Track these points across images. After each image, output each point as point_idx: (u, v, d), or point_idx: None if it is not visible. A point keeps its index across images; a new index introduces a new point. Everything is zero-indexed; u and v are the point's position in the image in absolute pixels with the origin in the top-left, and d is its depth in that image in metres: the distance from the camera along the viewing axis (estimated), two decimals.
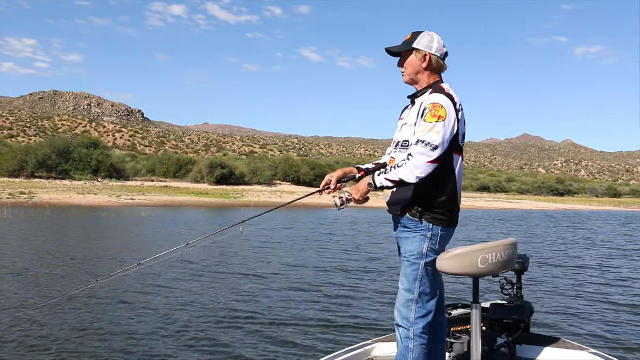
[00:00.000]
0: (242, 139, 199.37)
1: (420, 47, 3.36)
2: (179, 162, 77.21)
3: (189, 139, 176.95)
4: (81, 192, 46.64)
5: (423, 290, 3.29)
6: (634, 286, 11.44)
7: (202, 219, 30.06)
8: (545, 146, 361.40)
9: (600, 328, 7.83)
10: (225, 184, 67.80)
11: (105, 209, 34.31)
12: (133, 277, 10.21)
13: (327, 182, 3.54)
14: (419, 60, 3.37)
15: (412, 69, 3.39)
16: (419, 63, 3.37)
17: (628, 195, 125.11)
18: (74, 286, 9.50)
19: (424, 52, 3.35)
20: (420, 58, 3.36)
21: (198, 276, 11.13)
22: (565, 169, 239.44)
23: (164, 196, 48.55)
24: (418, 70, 3.38)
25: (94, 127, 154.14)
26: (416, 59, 3.37)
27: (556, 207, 64.79)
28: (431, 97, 3.23)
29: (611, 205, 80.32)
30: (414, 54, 3.38)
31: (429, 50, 3.35)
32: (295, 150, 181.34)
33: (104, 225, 24.02)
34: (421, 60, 3.36)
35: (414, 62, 3.38)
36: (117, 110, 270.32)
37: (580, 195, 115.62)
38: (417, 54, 3.37)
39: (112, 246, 16.26)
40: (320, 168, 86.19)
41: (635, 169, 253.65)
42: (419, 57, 3.37)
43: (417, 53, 3.37)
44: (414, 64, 3.38)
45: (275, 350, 6.51)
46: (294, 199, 4.02)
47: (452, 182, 3.28)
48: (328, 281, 11.10)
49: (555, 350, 3.99)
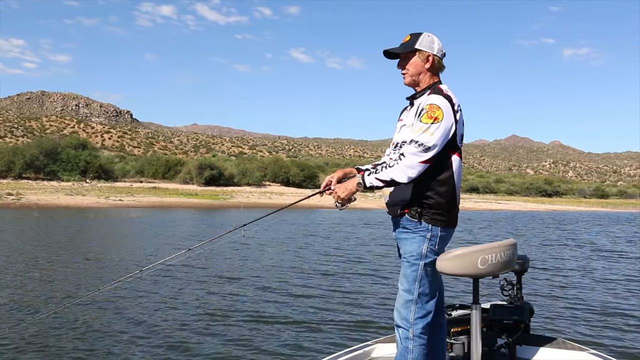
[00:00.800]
0: (231, 139, 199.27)
1: (423, 48, 3.35)
2: (168, 163, 76.95)
3: (178, 139, 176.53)
4: (69, 193, 46.42)
5: (422, 290, 3.28)
6: (634, 286, 11.44)
7: (194, 221, 29.89)
8: (533, 147, 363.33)
9: (600, 329, 7.81)
10: (214, 185, 67.72)
11: (94, 210, 34.14)
12: (132, 283, 9.95)
13: (327, 183, 3.49)
14: (422, 61, 3.35)
15: (414, 70, 3.37)
16: (422, 64, 3.35)
17: (615, 197, 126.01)
18: (77, 291, 9.36)
19: (427, 53, 3.34)
20: (423, 59, 3.35)
21: (200, 280, 10.89)
22: (553, 170, 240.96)
23: (153, 197, 48.41)
24: (421, 71, 3.36)
25: (82, 127, 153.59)
26: (419, 60, 3.35)
27: (544, 208, 65.15)
28: (429, 98, 3.22)
29: (599, 206, 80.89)
30: (417, 55, 3.36)
31: (431, 50, 3.35)
32: (284, 151, 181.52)
33: (98, 227, 23.85)
34: (424, 61, 3.35)
35: (417, 63, 3.36)
36: (106, 110, 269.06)
37: (568, 196, 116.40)
38: (420, 55, 3.35)
39: (112, 250, 16.11)
40: (310, 169, 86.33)
41: (622, 170, 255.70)
42: (422, 58, 3.35)
43: (420, 54, 3.35)
44: (417, 64, 3.36)
45: (276, 351, 6.48)
46: (293, 201, 3.99)
47: (450, 183, 3.27)
48: (327, 281, 11.07)
49: (555, 351, 3.98)
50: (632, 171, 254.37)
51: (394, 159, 3.21)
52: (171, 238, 19.03)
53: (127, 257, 13.95)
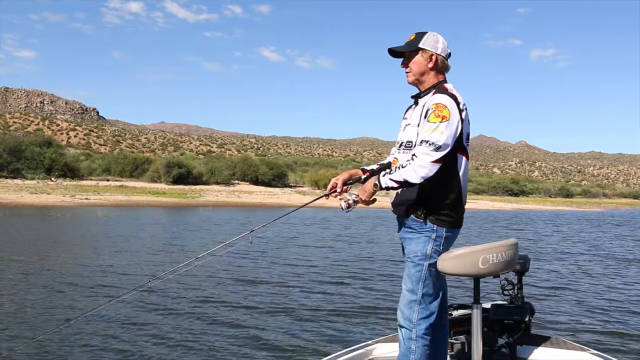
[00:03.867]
0: (199, 138, 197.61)
1: (427, 47, 3.36)
2: (135, 161, 75.99)
3: (145, 137, 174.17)
4: (34, 191, 45.55)
5: (426, 291, 3.30)
6: (634, 287, 11.56)
7: (164, 220, 29.53)
8: (500, 147, 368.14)
9: (601, 328, 7.87)
10: (182, 184, 67.15)
11: (60, 209, 33.52)
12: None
13: (333, 186, 3.50)
14: (425, 60, 3.36)
15: (417, 69, 3.38)
16: (425, 63, 3.36)
17: (580, 196, 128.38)
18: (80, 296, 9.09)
19: (431, 52, 3.35)
20: (426, 58, 3.36)
21: (202, 287, 10.61)
22: (519, 170, 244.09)
23: (120, 196, 47.83)
24: (424, 70, 3.37)
25: (47, 125, 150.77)
26: (422, 59, 3.36)
27: (511, 207, 65.88)
28: (434, 98, 3.23)
29: (564, 205, 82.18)
30: (420, 54, 3.37)
31: (435, 50, 3.36)
32: (253, 149, 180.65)
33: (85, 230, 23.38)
34: (427, 60, 3.36)
35: (420, 62, 3.37)
36: (71, 108, 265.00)
37: (534, 195, 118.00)
38: (423, 54, 3.36)
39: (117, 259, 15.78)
40: (279, 168, 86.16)
41: (586, 170, 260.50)
42: (425, 57, 3.36)
43: (424, 53, 3.36)
44: (420, 63, 3.37)
45: (276, 352, 6.46)
46: (303, 203, 4.21)
47: (456, 183, 3.29)
48: (327, 282, 11.05)
49: (556, 351, 4.01)
50: (595, 171, 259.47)
51: (406, 159, 3.21)
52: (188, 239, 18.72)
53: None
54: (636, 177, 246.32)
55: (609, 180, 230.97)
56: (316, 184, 78.65)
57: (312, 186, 79.39)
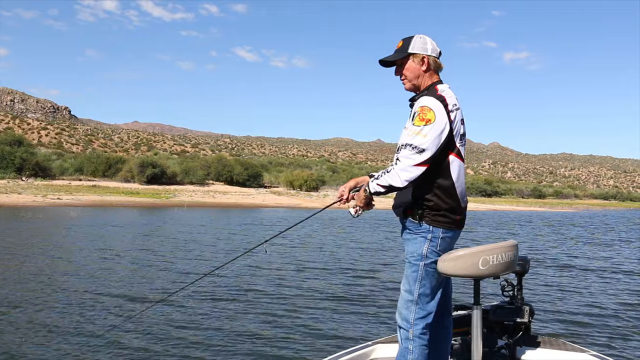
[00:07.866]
0: (173, 137, 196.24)
1: (417, 51, 3.36)
2: (108, 160, 75.04)
3: (118, 137, 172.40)
4: (4, 191, 44.75)
5: (423, 291, 3.30)
6: (634, 287, 11.65)
7: (138, 220, 29.17)
8: (473, 148, 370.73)
9: (601, 330, 7.90)
10: (156, 184, 66.49)
11: (31, 209, 32.99)
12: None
13: (341, 194, 3.55)
14: (418, 65, 3.36)
15: (412, 74, 3.38)
16: (418, 67, 3.36)
17: (552, 197, 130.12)
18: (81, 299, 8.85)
19: (421, 55, 3.36)
20: (418, 62, 3.36)
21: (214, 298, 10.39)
22: (492, 171, 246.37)
23: (93, 196, 47.30)
24: (418, 74, 3.37)
25: (18, 123, 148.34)
26: (415, 64, 3.37)
27: (485, 208, 66.49)
28: (421, 100, 3.24)
29: (537, 206, 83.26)
30: (412, 59, 3.37)
31: (425, 52, 3.36)
32: (227, 149, 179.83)
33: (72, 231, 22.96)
34: (420, 63, 3.36)
35: (413, 67, 3.37)
36: (42, 106, 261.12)
37: (507, 196, 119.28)
38: (414, 58, 3.37)
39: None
40: (254, 168, 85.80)
41: (557, 171, 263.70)
42: (417, 62, 3.36)
43: (415, 57, 3.37)
44: (413, 68, 3.37)
45: (276, 352, 6.46)
46: (318, 209, 4.07)
47: (449, 184, 3.27)
48: (327, 282, 11.11)
49: (556, 352, 4.04)
50: (567, 172, 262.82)
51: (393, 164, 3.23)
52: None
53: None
54: (606, 178, 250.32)
55: (580, 182, 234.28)
56: (291, 184, 78.55)
57: (287, 186, 79.24)
